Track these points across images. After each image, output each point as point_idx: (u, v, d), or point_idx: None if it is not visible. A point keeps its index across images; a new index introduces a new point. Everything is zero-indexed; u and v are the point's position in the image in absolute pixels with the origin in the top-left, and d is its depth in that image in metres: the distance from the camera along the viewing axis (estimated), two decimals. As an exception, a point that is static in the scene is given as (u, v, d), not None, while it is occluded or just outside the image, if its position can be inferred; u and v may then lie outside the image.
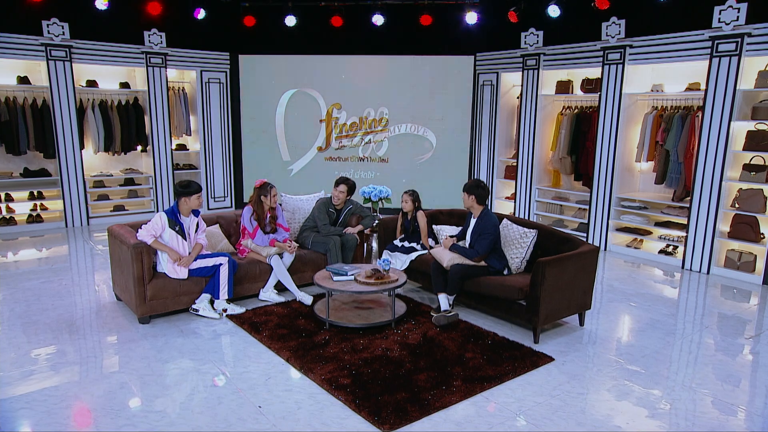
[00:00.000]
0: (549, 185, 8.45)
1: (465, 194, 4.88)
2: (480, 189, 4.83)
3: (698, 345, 4.47)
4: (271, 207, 5.36)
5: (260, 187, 5.30)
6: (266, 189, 5.28)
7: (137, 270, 4.45)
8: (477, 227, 4.82)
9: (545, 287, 4.21)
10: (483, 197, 4.85)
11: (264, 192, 5.28)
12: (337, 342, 4.28)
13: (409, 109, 9.36)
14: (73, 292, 5.40)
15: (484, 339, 4.38)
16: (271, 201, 5.31)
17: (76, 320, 4.67)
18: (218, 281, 4.75)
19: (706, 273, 6.48)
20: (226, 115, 9.67)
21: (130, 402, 3.38)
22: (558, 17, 7.39)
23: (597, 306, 5.30)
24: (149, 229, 4.53)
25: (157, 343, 4.24)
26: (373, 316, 4.69)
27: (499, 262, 4.80)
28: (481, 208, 4.85)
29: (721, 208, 6.35)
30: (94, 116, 8.44)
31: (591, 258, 4.54)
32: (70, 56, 7.97)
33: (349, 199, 5.92)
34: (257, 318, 4.74)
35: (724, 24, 6.04)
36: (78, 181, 8.32)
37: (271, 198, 5.30)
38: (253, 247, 5.26)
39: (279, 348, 4.16)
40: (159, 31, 8.68)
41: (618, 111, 7.15)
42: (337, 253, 5.46)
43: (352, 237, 5.68)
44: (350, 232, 5.74)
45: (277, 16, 8.95)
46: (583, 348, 4.31)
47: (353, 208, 5.94)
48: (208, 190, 9.71)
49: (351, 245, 5.64)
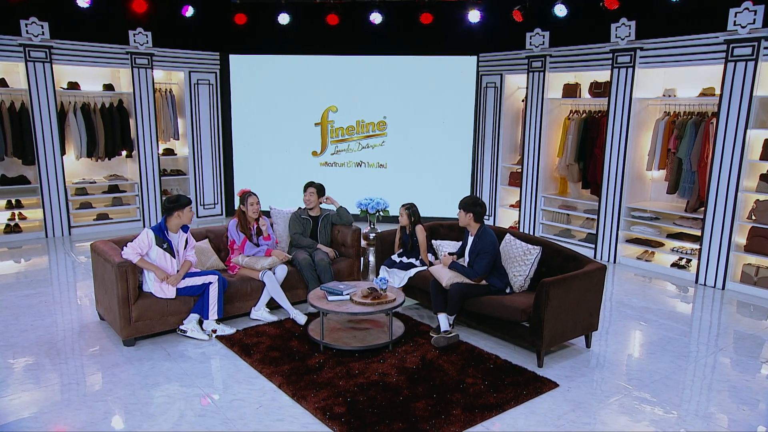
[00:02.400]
0: (555, 193, 8.51)
1: (461, 212, 4.93)
2: (478, 207, 4.89)
3: (712, 369, 4.52)
4: (255, 218, 5.41)
5: (241, 197, 5.41)
6: (245, 198, 5.36)
7: (122, 290, 4.49)
8: (475, 246, 4.87)
9: (549, 309, 4.26)
10: (480, 215, 4.91)
11: (242, 201, 5.37)
12: (332, 366, 4.33)
13: (409, 112, 9.41)
14: (53, 311, 5.45)
15: (486, 362, 4.43)
16: (250, 211, 5.36)
17: (57, 342, 4.71)
18: (207, 301, 4.79)
19: (721, 288, 6.54)
20: (216, 118, 9.72)
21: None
22: (565, 17, 7.45)
23: (605, 324, 5.35)
24: (135, 246, 4.57)
25: (142, 367, 4.28)
26: (370, 337, 4.74)
27: (500, 280, 4.85)
28: (478, 226, 4.91)
29: (737, 220, 6.40)
30: (76, 120, 8.49)
31: (598, 277, 4.59)
32: (50, 57, 8.02)
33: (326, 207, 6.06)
34: (248, 339, 4.79)
35: (740, 27, 6.09)
36: (59, 189, 8.36)
37: (249, 207, 5.35)
38: (246, 262, 5.30)
39: (271, 373, 4.20)
40: (145, 30, 8.72)
41: (628, 116, 7.21)
42: (310, 272, 5.47)
43: (320, 259, 5.56)
44: (324, 250, 5.75)
45: (269, 14, 9.00)
46: (590, 372, 4.36)
47: (330, 215, 6.01)
48: (197, 197, 9.76)
49: (323, 268, 5.51)
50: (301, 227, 5.84)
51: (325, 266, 5.56)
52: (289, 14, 8.89)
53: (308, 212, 5.93)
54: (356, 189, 9.44)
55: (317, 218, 5.94)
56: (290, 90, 9.56)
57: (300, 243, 5.74)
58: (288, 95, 9.58)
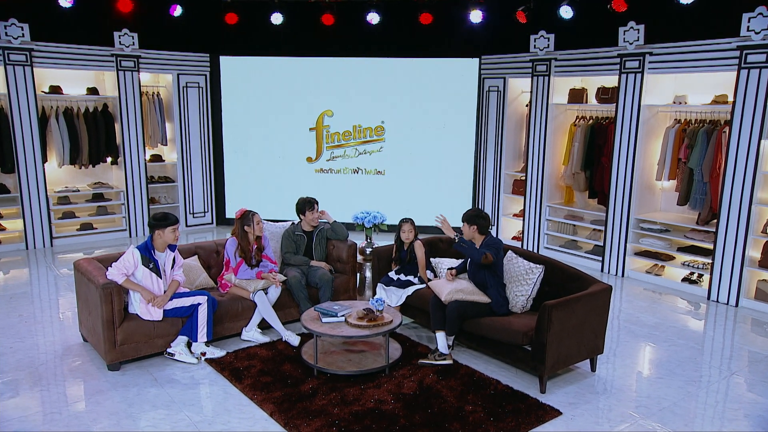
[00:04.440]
0: (561, 203, 8.55)
1: (465, 225, 4.98)
2: (482, 219, 4.94)
3: (725, 395, 4.56)
4: (257, 236, 5.45)
5: (241, 218, 5.37)
6: (248, 218, 5.37)
7: (106, 313, 4.53)
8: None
9: (552, 333, 4.30)
10: (485, 227, 4.96)
11: (246, 222, 5.36)
12: (326, 392, 4.37)
13: (408, 116, 9.46)
14: (34, 331, 5.48)
15: (486, 388, 4.47)
16: (256, 229, 5.40)
17: (38, 366, 4.75)
18: (196, 322, 4.83)
19: (735, 305, 6.58)
20: (206, 122, 9.75)
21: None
22: (570, 19, 7.49)
23: (612, 345, 5.39)
24: (120, 267, 4.61)
25: (128, 394, 4.32)
26: (366, 360, 4.78)
27: (501, 297, 4.89)
28: (482, 238, 4.96)
29: (751, 234, 6.45)
30: (58, 125, 8.52)
31: (603, 299, 4.63)
32: (30, 60, 8.05)
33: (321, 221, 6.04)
34: (239, 363, 4.83)
35: (754, 33, 6.14)
36: (40, 198, 8.39)
37: (255, 226, 5.39)
38: (237, 283, 5.34)
39: (262, 400, 4.24)
40: (131, 32, 8.76)
41: (636, 123, 7.26)
42: (301, 290, 5.49)
43: (324, 273, 5.64)
44: (318, 265, 5.78)
45: (261, 14, 9.03)
46: (595, 399, 4.41)
47: (325, 229, 6.02)
48: (186, 204, 9.79)
49: (325, 282, 5.56)
50: (293, 246, 5.86)
51: (327, 281, 5.59)
52: (283, 14, 8.91)
53: (302, 228, 5.96)
54: (353, 196, 9.51)
55: (312, 233, 5.97)
56: (284, 93, 9.60)
57: (291, 263, 5.78)
58: (281, 99, 9.62)
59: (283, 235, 5.94)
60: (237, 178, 9.96)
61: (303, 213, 5.87)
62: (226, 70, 9.65)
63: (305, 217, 5.86)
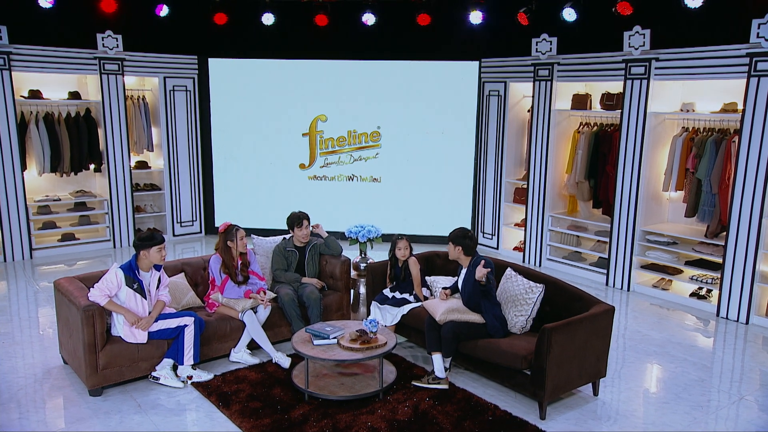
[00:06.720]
0: (564, 212, 8.60)
1: (451, 244, 5.04)
2: (467, 239, 4.99)
3: (735, 422, 4.59)
4: (241, 252, 5.49)
5: (225, 232, 5.44)
6: (232, 233, 5.42)
7: (88, 336, 4.56)
8: (469, 276, 4.97)
9: (552, 357, 4.35)
10: (470, 248, 5.01)
11: (230, 237, 5.41)
12: (317, 418, 4.41)
13: (405, 122, 9.50)
14: (13, 353, 5.50)
15: (484, 413, 4.52)
16: (239, 245, 5.44)
17: (17, 392, 4.77)
18: (182, 345, 4.87)
19: (745, 323, 6.62)
20: (194, 127, 9.79)
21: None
22: (574, 22, 7.55)
23: (616, 365, 5.43)
24: (103, 288, 4.64)
25: (110, 422, 4.35)
26: (359, 384, 4.82)
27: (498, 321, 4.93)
28: (468, 259, 5.01)
29: (762, 248, 6.49)
30: (38, 131, 8.55)
31: (605, 321, 4.68)
32: (8, 64, 8.07)
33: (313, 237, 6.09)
34: (227, 386, 4.87)
35: (764, 39, 6.19)
36: (19, 207, 8.41)
37: (238, 242, 5.43)
38: (225, 302, 5.38)
39: (250, 428, 4.28)
40: (114, 33, 8.78)
41: (642, 131, 7.31)
42: (294, 308, 5.55)
43: (312, 290, 5.70)
44: (309, 282, 5.84)
45: (252, 14, 9.07)
46: (597, 425, 4.45)
47: (318, 244, 6.07)
48: (173, 213, 9.82)
49: (313, 301, 5.63)
50: (284, 262, 5.90)
51: (315, 300, 5.64)
52: (274, 14, 8.96)
53: (293, 243, 6.00)
54: (348, 204, 9.57)
55: (304, 248, 6.01)
56: (275, 97, 9.64)
57: (281, 280, 5.82)
58: (273, 103, 9.66)
59: (274, 251, 5.99)
60: (226, 186, 10.00)
61: (292, 229, 5.93)
62: (215, 73, 9.68)
63: (294, 233, 5.92)
